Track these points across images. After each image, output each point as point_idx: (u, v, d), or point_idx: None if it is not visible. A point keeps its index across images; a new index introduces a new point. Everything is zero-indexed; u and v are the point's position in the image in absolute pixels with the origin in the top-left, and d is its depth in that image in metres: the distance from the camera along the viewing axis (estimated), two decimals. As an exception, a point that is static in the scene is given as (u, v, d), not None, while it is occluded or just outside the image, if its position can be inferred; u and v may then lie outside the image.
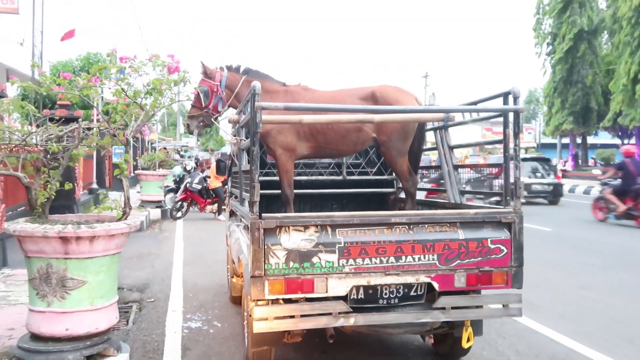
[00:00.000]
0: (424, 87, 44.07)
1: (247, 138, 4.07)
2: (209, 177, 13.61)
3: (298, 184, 5.19)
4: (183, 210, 13.40)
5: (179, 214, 13.31)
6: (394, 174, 5.35)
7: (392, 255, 3.39)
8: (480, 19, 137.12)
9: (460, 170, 4.69)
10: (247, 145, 3.91)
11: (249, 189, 3.46)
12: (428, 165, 6.83)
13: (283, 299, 3.40)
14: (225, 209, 6.85)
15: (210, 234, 10.65)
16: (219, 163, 13.32)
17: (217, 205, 13.53)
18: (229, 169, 6.84)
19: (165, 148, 31.66)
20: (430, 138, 5.15)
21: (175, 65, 4.03)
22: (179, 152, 38.04)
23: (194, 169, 16.25)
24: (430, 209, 4.56)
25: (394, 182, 5.71)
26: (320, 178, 5.57)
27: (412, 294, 3.57)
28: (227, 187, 7.56)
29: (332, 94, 4.67)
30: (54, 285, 3.49)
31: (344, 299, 3.41)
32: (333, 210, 5.55)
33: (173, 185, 14.73)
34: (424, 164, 6.17)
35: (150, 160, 16.27)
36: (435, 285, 3.47)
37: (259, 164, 3.41)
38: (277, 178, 4.77)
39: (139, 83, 4.04)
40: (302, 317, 3.38)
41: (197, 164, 18.12)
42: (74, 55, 21.51)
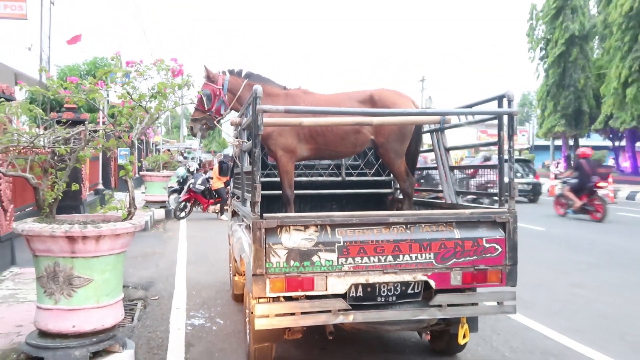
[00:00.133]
0: (421, 90, 44.11)
1: (248, 140, 4.07)
2: (212, 178, 13.60)
3: (298, 185, 5.19)
4: (186, 211, 13.40)
5: (183, 214, 13.31)
6: (392, 175, 5.35)
7: (390, 254, 3.39)
8: (481, 19, 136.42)
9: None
10: (248, 147, 3.91)
11: (251, 190, 3.46)
12: (425, 167, 6.81)
13: (284, 297, 3.40)
14: (228, 209, 6.84)
15: (213, 234, 10.64)
16: (222, 164, 13.30)
17: (219, 206, 13.52)
18: (231, 170, 6.83)
19: (169, 150, 31.69)
20: (427, 140, 5.15)
21: (179, 69, 4.03)
22: (183, 153, 37.97)
23: (197, 170, 16.28)
24: (427, 209, 4.56)
25: (392, 183, 5.70)
26: (320, 179, 5.57)
27: (409, 292, 3.56)
28: (229, 187, 7.55)
29: (331, 97, 4.67)
30: (61, 283, 3.50)
31: (343, 297, 3.41)
32: (332, 211, 5.55)
33: (177, 186, 14.73)
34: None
35: (155, 162, 16.28)
36: (432, 283, 3.48)
37: (261, 166, 3.41)
38: (278, 179, 4.78)
39: (144, 87, 4.04)
40: (302, 314, 3.38)
41: (200, 166, 18.13)
42: (81, 60, 21.53)
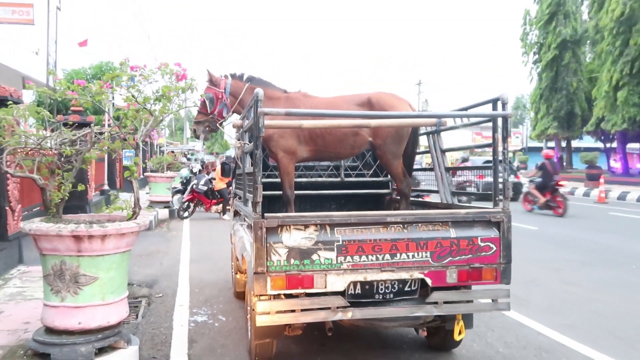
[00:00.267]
0: (418, 93, 44.11)
1: (250, 142, 4.07)
2: (215, 179, 13.59)
3: (298, 185, 5.20)
4: (190, 210, 13.38)
5: (186, 214, 13.29)
6: (389, 176, 5.35)
7: (387, 253, 3.39)
8: (480, 20, 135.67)
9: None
10: (250, 149, 3.91)
11: (252, 190, 3.46)
12: (421, 168, 6.81)
13: (284, 294, 3.41)
14: (230, 209, 6.84)
15: (216, 233, 10.63)
16: (224, 166, 13.29)
17: (222, 206, 13.51)
18: (233, 171, 6.83)
19: (173, 151, 31.65)
20: (424, 142, 5.15)
21: (183, 73, 4.04)
22: (186, 155, 37.94)
23: (200, 172, 16.26)
24: (424, 209, 4.56)
25: (389, 183, 5.71)
26: (320, 180, 5.58)
27: (406, 289, 3.57)
28: (231, 188, 7.55)
29: (330, 100, 4.67)
30: (68, 281, 3.49)
31: (342, 294, 3.41)
32: (332, 210, 5.55)
33: (180, 187, 14.71)
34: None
35: (159, 163, 16.28)
36: (428, 281, 3.48)
37: (262, 167, 3.41)
38: (278, 180, 4.78)
39: (149, 90, 4.05)
40: (302, 311, 3.38)
41: (203, 167, 18.11)
42: (87, 64, 21.54)
